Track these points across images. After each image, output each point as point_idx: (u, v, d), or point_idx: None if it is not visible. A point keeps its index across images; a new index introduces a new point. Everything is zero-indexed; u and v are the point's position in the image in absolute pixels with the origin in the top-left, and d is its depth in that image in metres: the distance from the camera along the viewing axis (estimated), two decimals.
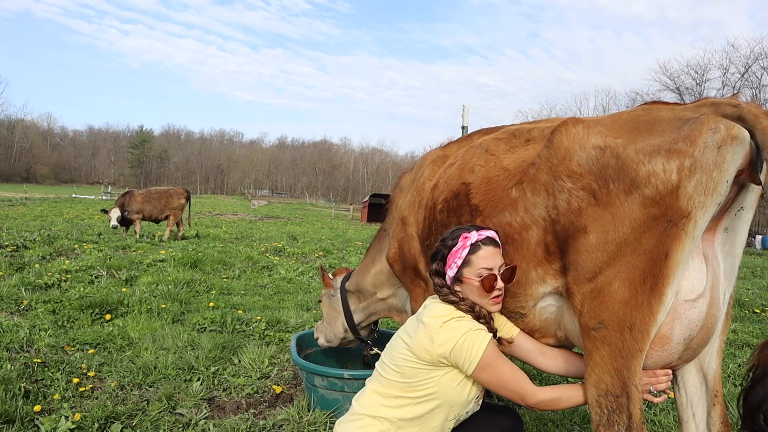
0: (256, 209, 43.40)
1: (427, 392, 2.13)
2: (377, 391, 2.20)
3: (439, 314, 2.14)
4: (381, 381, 2.21)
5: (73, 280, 7.10)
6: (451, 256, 2.18)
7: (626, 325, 1.84)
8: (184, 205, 13.89)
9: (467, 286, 2.18)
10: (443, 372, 2.11)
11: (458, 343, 2.05)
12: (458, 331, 2.07)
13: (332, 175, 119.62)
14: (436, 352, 2.07)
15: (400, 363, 2.15)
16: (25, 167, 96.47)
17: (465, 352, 2.05)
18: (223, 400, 3.75)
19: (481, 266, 2.13)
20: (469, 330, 2.07)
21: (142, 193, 13.74)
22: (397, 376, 2.16)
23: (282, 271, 9.18)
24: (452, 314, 2.13)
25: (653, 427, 3.51)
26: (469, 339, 2.06)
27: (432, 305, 2.22)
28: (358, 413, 2.20)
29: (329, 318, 3.80)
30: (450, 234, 2.24)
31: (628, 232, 1.83)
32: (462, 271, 2.16)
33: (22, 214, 20.40)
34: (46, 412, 3.38)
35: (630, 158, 1.83)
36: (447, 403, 2.16)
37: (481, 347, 2.05)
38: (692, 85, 39.35)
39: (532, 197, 2.11)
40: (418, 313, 2.26)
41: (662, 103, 2.05)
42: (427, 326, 2.10)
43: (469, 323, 2.12)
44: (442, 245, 2.25)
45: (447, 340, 2.06)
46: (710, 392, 2.11)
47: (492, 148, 2.46)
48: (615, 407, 1.87)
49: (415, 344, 2.11)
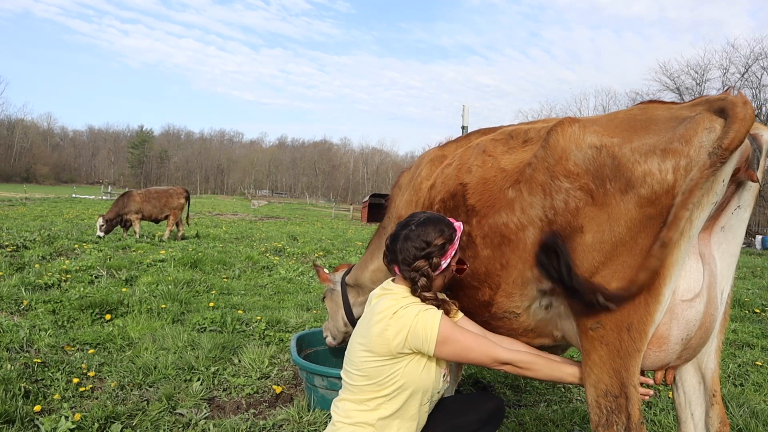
0: (256, 209, 43.39)
1: (396, 386, 2.18)
2: (349, 399, 2.25)
3: (385, 308, 2.19)
4: (350, 389, 2.26)
5: (73, 280, 7.11)
6: (452, 247, 2.25)
7: (624, 325, 1.84)
8: (183, 204, 13.86)
9: (447, 273, 2.28)
10: (405, 362, 2.17)
11: (411, 327, 2.12)
12: (408, 317, 2.13)
13: (332, 175, 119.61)
14: (393, 343, 2.12)
15: (361, 366, 2.20)
16: (25, 167, 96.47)
17: (420, 332, 2.11)
18: (223, 400, 3.75)
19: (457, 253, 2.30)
20: (419, 312, 2.14)
21: (141, 193, 13.68)
22: (363, 380, 2.21)
23: (282, 271, 9.18)
24: (398, 304, 2.19)
25: (653, 427, 3.51)
26: (421, 320, 2.12)
27: (376, 303, 2.27)
28: (338, 422, 2.25)
29: (332, 313, 3.86)
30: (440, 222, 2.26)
31: (625, 232, 1.83)
32: (451, 261, 2.27)
33: (22, 214, 20.40)
34: (46, 412, 3.38)
35: (626, 158, 1.83)
36: (418, 390, 2.21)
37: (434, 324, 2.11)
38: (692, 85, 39.36)
39: (529, 197, 2.11)
40: (365, 314, 2.33)
41: (659, 102, 2.05)
42: (379, 323, 2.16)
43: (417, 307, 2.18)
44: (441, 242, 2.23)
45: (400, 328, 2.12)
46: (709, 392, 2.11)
47: (489, 149, 2.46)
48: (614, 407, 1.88)
49: (371, 343, 2.17)
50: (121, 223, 13.28)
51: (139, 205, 13.29)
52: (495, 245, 2.25)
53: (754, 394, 4.13)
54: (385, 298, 2.26)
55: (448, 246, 2.24)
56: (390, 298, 2.24)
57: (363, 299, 3.60)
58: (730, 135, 1.62)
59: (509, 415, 3.61)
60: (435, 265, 2.25)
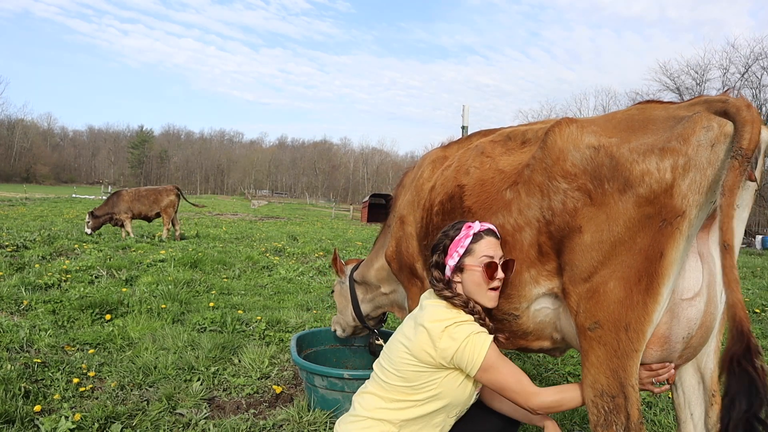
0: (256, 209, 43.38)
1: (431, 394, 2.14)
2: (378, 395, 2.21)
3: (439, 318, 2.13)
4: (382, 385, 2.21)
5: (73, 280, 7.11)
6: (454, 245, 2.20)
7: (622, 324, 1.84)
8: (174, 202, 13.75)
9: (468, 275, 2.18)
10: (446, 373, 2.12)
11: (460, 347, 2.06)
12: (460, 336, 2.07)
13: (332, 175, 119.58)
14: (440, 356, 2.08)
15: (401, 367, 2.15)
16: (25, 167, 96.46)
17: (467, 355, 2.06)
18: (223, 400, 3.75)
19: (483, 254, 2.15)
20: (470, 334, 2.08)
21: (131, 192, 13.59)
22: (399, 380, 2.16)
23: (282, 271, 9.18)
24: (453, 318, 2.14)
25: (653, 427, 3.51)
26: (471, 343, 2.06)
27: (429, 307, 2.21)
28: (360, 415, 2.20)
29: (341, 307, 3.90)
30: (452, 226, 2.27)
31: (623, 232, 1.83)
32: (464, 260, 2.18)
33: (22, 214, 20.40)
34: (46, 412, 3.38)
35: (624, 157, 1.83)
36: (451, 404, 2.17)
37: (482, 350, 2.06)
38: (692, 85, 39.38)
39: (527, 198, 2.11)
40: (415, 315, 2.25)
41: (657, 102, 2.05)
42: (429, 331, 2.10)
43: (470, 327, 2.12)
44: (444, 236, 2.26)
45: (449, 345, 2.07)
46: (708, 392, 2.11)
47: (488, 150, 2.47)
48: (612, 408, 1.87)
49: (416, 348, 2.11)
50: (112, 222, 13.19)
51: (129, 204, 13.20)
52: None
53: None
54: (440, 307, 2.19)
55: (448, 243, 2.22)
56: (444, 308, 2.18)
57: (370, 296, 3.66)
58: (746, 137, 1.65)
59: None
60: (438, 263, 2.24)
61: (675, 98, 35.14)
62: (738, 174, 1.65)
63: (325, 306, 6.82)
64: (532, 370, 4.49)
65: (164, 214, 13.60)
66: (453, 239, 2.21)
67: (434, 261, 2.27)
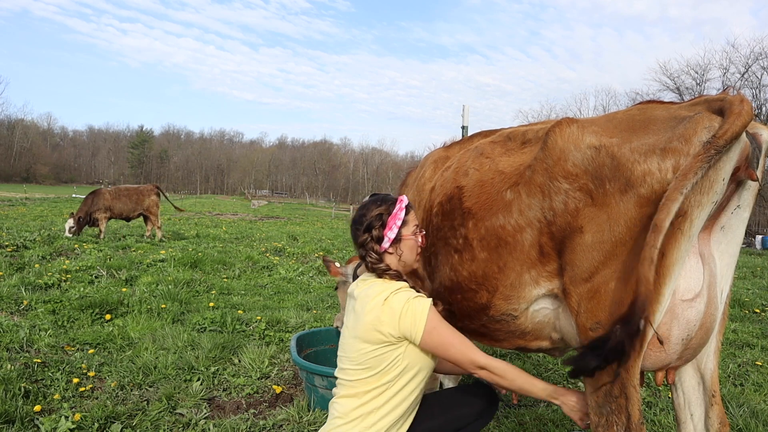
0: (256, 209, 43.37)
1: (399, 370, 2.16)
2: (350, 395, 2.21)
3: (375, 294, 2.17)
4: (350, 385, 2.22)
5: (73, 280, 7.11)
6: (392, 219, 2.27)
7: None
8: (156, 201, 13.56)
9: (405, 244, 2.29)
10: (405, 346, 2.16)
11: (402, 313, 2.10)
12: (399, 303, 2.12)
13: (332, 175, 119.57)
14: (385, 330, 2.11)
15: (362, 359, 2.17)
16: (25, 167, 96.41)
17: (409, 320, 2.10)
18: (223, 400, 3.75)
19: (414, 224, 2.35)
20: (408, 299, 2.14)
21: (111, 191, 13.29)
22: (364, 372, 2.18)
23: (282, 271, 9.19)
24: (388, 289, 2.17)
25: (653, 427, 3.51)
26: (411, 307, 2.12)
27: (361, 294, 2.23)
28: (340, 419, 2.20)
29: (343, 304, 3.87)
30: (382, 200, 2.33)
31: (624, 232, 1.83)
32: (401, 231, 2.28)
33: (22, 214, 20.41)
34: (46, 412, 3.38)
35: (625, 157, 1.83)
36: (421, 369, 2.21)
37: (423, 312, 2.11)
38: (692, 85, 39.33)
39: (528, 199, 2.11)
40: (353, 307, 2.28)
41: (658, 102, 2.05)
42: (372, 311, 2.14)
43: (407, 292, 2.17)
44: (378, 211, 2.29)
45: (392, 315, 2.11)
46: (708, 392, 2.11)
47: (487, 152, 2.47)
48: (613, 408, 1.87)
49: (367, 333, 2.15)
50: (89, 222, 12.73)
51: (109, 203, 12.89)
52: (492, 248, 2.25)
53: (754, 394, 4.13)
54: (373, 285, 2.22)
55: (386, 217, 2.26)
56: (378, 284, 2.21)
57: None
58: (725, 126, 1.64)
59: (509, 415, 3.61)
60: (377, 237, 2.26)
61: (675, 98, 35.14)
62: (698, 161, 1.64)
63: (325, 306, 6.82)
64: (532, 370, 4.48)
65: (150, 215, 13.43)
66: (391, 213, 2.28)
67: (374, 236, 2.28)
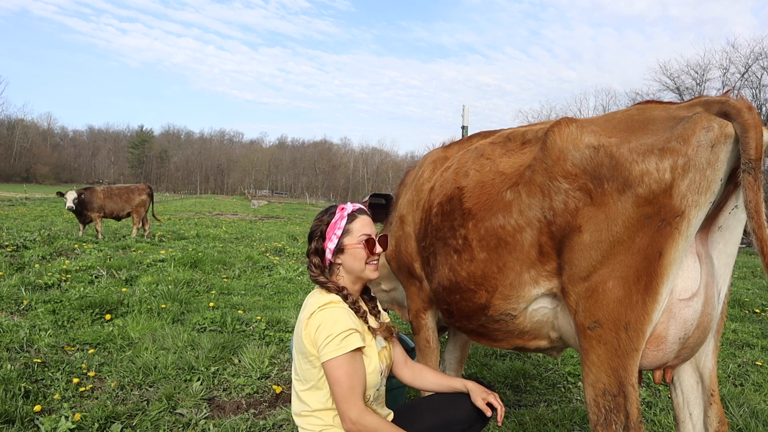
0: (256, 209, 43.37)
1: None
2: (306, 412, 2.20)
3: (309, 305, 2.17)
4: (303, 401, 2.21)
5: (73, 280, 7.11)
6: (330, 228, 2.24)
7: (621, 324, 1.85)
8: (146, 201, 13.55)
9: (349, 254, 2.22)
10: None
11: (319, 329, 2.06)
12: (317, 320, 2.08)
13: (332, 175, 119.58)
14: (308, 345, 2.10)
15: (303, 374, 2.17)
16: (25, 167, 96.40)
17: (321, 342, 2.05)
18: (223, 400, 3.76)
19: (361, 233, 2.23)
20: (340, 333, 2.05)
21: (103, 190, 13.25)
22: (303, 385, 2.20)
23: (282, 271, 9.19)
24: (317, 302, 2.15)
25: (652, 427, 3.51)
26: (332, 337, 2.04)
27: (305, 300, 2.25)
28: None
29: None
30: (325, 211, 2.30)
31: (622, 231, 1.84)
32: (343, 240, 2.22)
33: (22, 214, 20.41)
34: (46, 412, 3.39)
35: (624, 157, 1.84)
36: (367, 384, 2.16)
37: (337, 352, 2.02)
38: (692, 85, 39.33)
39: (527, 199, 2.12)
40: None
41: (657, 102, 2.05)
42: (299, 322, 2.15)
43: (332, 311, 2.10)
44: (318, 222, 2.29)
45: (309, 331, 2.09)
46: (707, 392, 2.12)
47: (487, 152, 2.48)
48: (612, 407, 1.88)
49: (298, 345, 2.16)
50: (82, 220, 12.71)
51: (102, 202, 12.88)
52: (492, 248, 2.26)
53: (754, 394, 4.13)
54: (311, 296, 2.24)
55: (324, 228, 2.24)
56: (315, 296, 2.22)
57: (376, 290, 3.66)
58: (751, 144, 1.64)
59: (509, 414, 3.61)
60: (316, 249, 2.25)
61: (675, 98, 35.18)
62: (757, 189, 1.65)
63: None
64: (532, 370, 4.49)
65: (135, 213, 13.39)
66: (329, 224, 2.25)
67: (313, 248, 2.28)
